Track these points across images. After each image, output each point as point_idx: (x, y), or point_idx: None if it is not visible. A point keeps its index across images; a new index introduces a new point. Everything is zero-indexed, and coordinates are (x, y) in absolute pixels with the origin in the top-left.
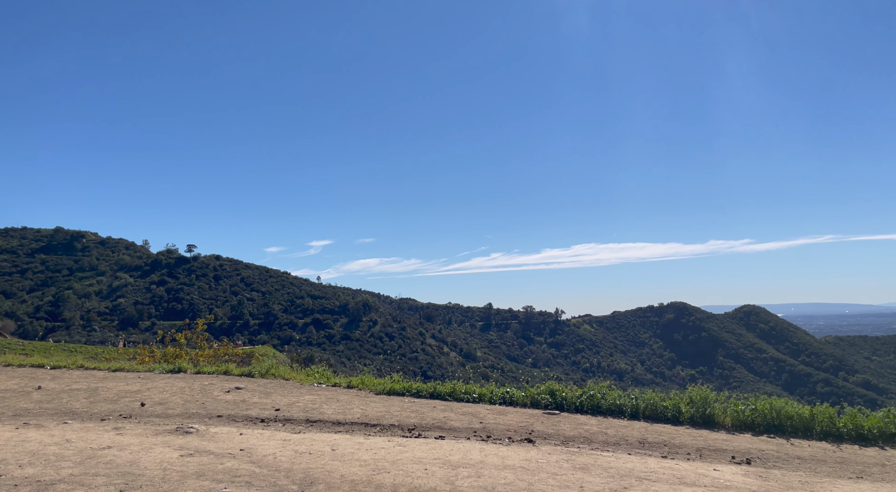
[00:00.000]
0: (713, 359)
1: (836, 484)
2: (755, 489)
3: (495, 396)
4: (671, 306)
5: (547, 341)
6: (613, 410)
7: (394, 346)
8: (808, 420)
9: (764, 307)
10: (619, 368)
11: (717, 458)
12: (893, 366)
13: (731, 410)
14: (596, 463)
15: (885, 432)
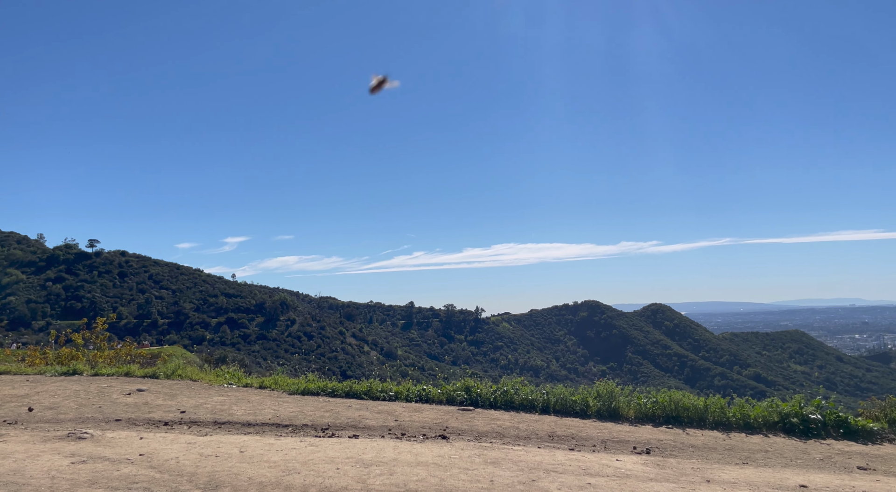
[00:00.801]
0: (623, 355)
1: (724, 470)
2: (652, 477)
3: (412, 393)
4: (585, 305)
5: (467, 339)
6: (526, 405)
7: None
8: (702, 411)
9: (669, 306)
10: (535, 364)
11: (620, 449)
12: (780, 360)
13: (635, 403)
14: (507, 457)
15: (769, 421)
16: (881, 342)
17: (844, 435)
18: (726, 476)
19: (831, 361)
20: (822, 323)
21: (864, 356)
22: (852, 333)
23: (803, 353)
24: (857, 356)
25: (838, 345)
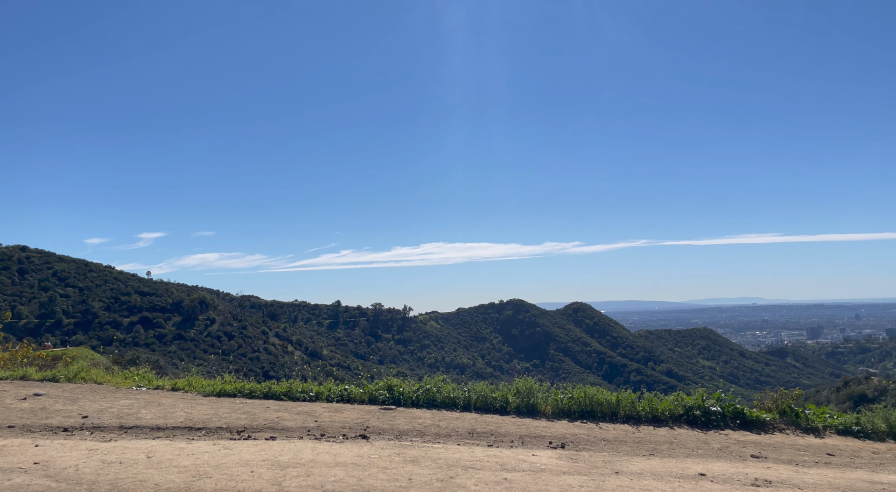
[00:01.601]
0: (546, 352)
1: (632, 461)
2: (565, 470)
3: (333, 393)
4: (510, 303)
5: (394, 338)
6: (448, 403)
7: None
8: (615, 406)
9: (590, 304)
10: (462, 362)
11: (536, 444)
12: (690, 356)
13: (552, 399)
14: (426, 455)
15: (675, 414)
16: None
17: (741, 425)
18: (634, 467)
19: (735, 356)
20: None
21: (764, 352)
22: (754, 330)
23: (710, 349)
24: (757, 352)
25: (741, 341)
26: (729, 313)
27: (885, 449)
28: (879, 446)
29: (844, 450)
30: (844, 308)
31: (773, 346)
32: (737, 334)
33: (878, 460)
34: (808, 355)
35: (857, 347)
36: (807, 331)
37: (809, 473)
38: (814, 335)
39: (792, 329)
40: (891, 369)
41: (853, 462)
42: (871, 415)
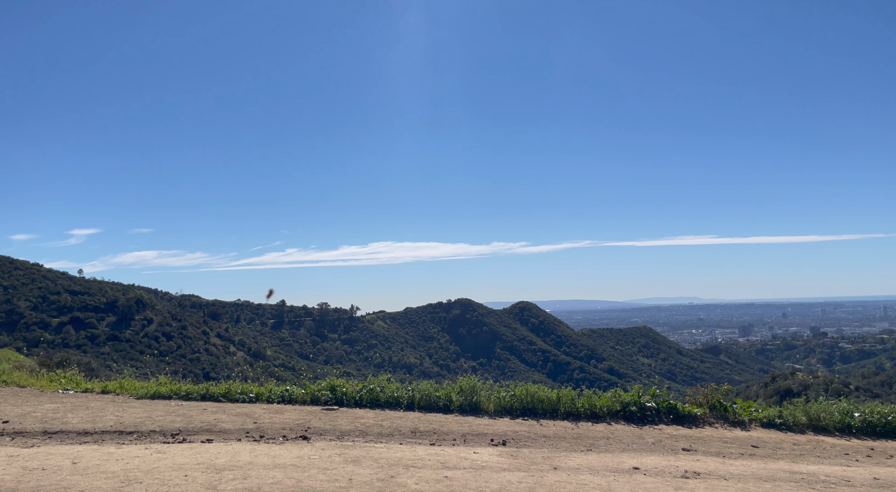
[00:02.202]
0: (492, 351)
1: (570, 457)
2: (505, 467)
3: (274, 395)
4: (458, 303)
5: (341, 338)
6: (391, 402)
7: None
8: (555, 403)
9: (535, 303)
10: (409, 362)
11: (478, 442)
12: (631, 354)
13: (495, 397)
14: (368, 455)
15: (612, 410)
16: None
17: (674, 420)
18: (571, 463)
19: (673, 354)
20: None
21: (699, 349)
22: (690, 329)
23: (650, 347)
24: (693, 350)
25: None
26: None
27: (805, 440)
28: (799, 437)
29: (768, 442)
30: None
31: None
32: (674, 333)
33: (798, 450)
34: (740, 353)
35: (783, 344)
36: (739, 329)
37: (735, 464)
38: (745, 333)
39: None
40: (814, 364)
41: (775, 453)
42: (793, 408)
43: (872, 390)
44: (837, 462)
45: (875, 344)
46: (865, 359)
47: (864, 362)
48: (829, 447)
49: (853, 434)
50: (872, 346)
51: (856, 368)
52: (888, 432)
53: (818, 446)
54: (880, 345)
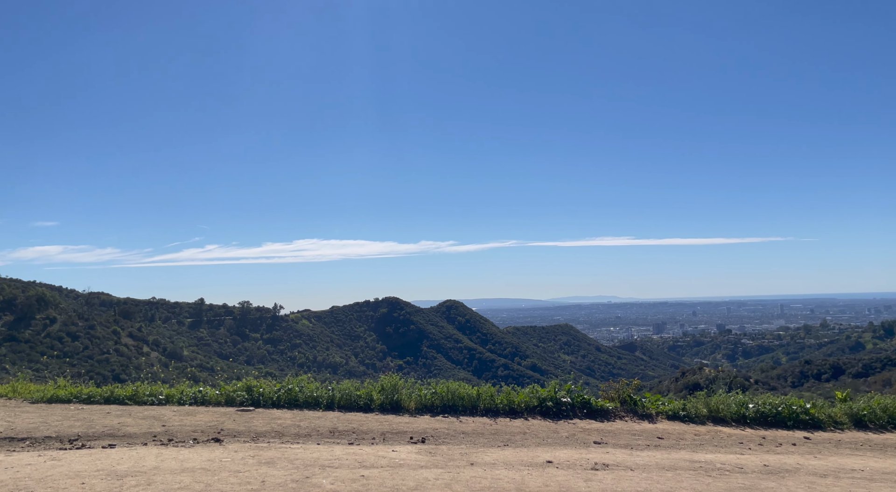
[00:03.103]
0: (419, 349)
1: (487, 452)
2: (423, 464)
3: (185, 396)
4: (385, 301)
5: (263, 338)
6: (311, 402)
7: (78, 347)
8: (475, 399)
9: (462, 302)
10: (334, 361)
11: (397, 440)
12: (553, 351)
13: (416, 395)
14: (283, 456)
15: (530, 405)
16: (629, 334)
17: (587, 414)
18: (488, 458)
19: (592, 351)
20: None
21: (617, 346)
22: (608, 326)
23: (571, 344)
24: (611, 346)
25: (598, 337)
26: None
27: (705, 431)
28: (700, 428)
29: (672, 433)
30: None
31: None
32: (594, 330)
33: (699, 440)
34: (654, 349)
35: (693, 340)
36: (653, 327)
37: (641, 455)
38: (658, 330)
39: (641, 325)
40: (720, 359)
41: (678, 444)
42: (695, 401)
43: (770, 383)
44: (732, 451)
45: (773, 340)
46: (764, 354)
47: (763, 357)
48: (726, 437)
49: (748, 424)
50: (770, 342)
51: (756, 362)
52: (778, 421)
53: (716, 436)
54: (777, 341)
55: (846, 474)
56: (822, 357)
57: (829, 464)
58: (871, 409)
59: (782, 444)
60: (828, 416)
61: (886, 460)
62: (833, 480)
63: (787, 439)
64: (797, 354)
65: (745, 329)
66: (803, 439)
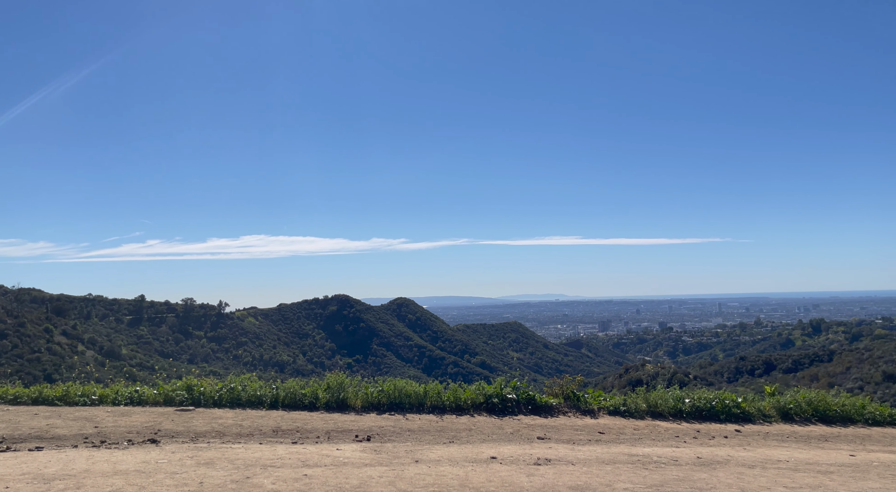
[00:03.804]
0: (369, 347)
1: (433, 449)
2: (367, 462)
3: (121, 396)
4: (335, 299)
5: (207, 336)
6: (254, 401)
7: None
8: (422, 397)
9: (413, 300)
10: (281, 360)
11: (342, 438)
12: (502, 348)
13: (362, 393)
14: (224, 456)
15: (476, 402)
16: (576, 331)
17: (532, 410)
18: (433, 455)
19: (540, 348)
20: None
21: (564, 344)
22: (556, 324)
23: (519, 341)
24: (558, 344)
25: (545, 334)
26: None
27: (644, 425)
28: (640, 423)
29: (612, 428)
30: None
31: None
32: (542, 328)
33: (638, 435)
34: (599, 346)
35: (636, 338)
36: (599, 324)
37: (582, 450)
38: (604, 328)
39: (587, 323)
40: (661, 356)
41: (618, 438)
42: (635, 397)
43: (707, 379)
44: (669, 444)
45: (711, 337)
46: (703, 351)
47: (702, 354)
48: (664, 431)
49: (684, 418)
50: (709, 339)
51: (695, 358)
52: (712, 415)
53: (654, 430)
54: (715, 338)
55: (772, 464)
56: (755, 354)
57: (757, 455)
58: (797, 403)
59: (715, 437)
60: (757, 409)
61: (810, 451)
62: (760, 470)
63: (719, 432)
64: (733, 351)
65: (686, 327)
66: (734, 431)
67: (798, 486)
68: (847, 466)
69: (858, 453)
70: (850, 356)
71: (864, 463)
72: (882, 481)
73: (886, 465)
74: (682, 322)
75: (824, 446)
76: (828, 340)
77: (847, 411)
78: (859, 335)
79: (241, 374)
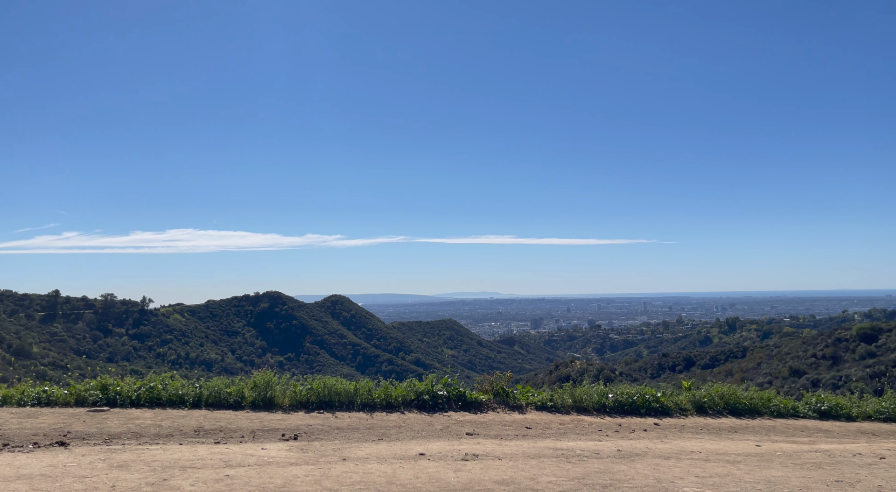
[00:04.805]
0: (301, 345)
1: (361, 447)
2: (293, 461)
3: (27, 396)
4: (266, 295)
5: (129, 333)
6: (175, 400)
7: None
8: (352, 394)
9: (348, 297)
10: (209, 358)
11: (268, 437)
12: (437, 346)
13: (290, 391)
14: (140, 458)
15: (407, 399)
16: (509, 329)
17: (462, 407)
18: (361, 453)
19: (474, 345)
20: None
21: (497, 341)
22: (490, 322)
23: (454, 339)
24: (492, 341)
25: (480, 331)
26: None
27: (569, 420)
28: (565, 417)
29: (539, 423)
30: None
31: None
32: (476, 325)
33: (563, 429)
34: (531, 343)
35: (567, 335)
36: (531, 322)
37: (510, 445)
38: (536, 326)
39: (520, 320)
40: (589, 353)
41: (544, 433)
42: (562, 392)
43: (633, 375)
44: (592, 438)
45: (636, 335)
46: (629, 348)
47: (628, 351)
48: (588, 425)
49: (607, 413)
50: (634, 336)
51: (621, 355)
52: (634, 409)
53: (579, 424)
54: (640, 335)
55: (686, 455)
56: (677, 351)
57: (672, 447)
58: (711, 397)
59: (635, 430)
60: (675, 403)
61: (721, 442)
62: (675, 461)
63: (639, 426)
64: (657, 348)
65: (613, 325)
66: (653, 425)
67: (708, 475)
68: (753, 455)
69: (764, 444)
70: (760, 353)
71: (769, 453)
72: (784, 469)
73: (788, 454)
74: (610, 320)
75: (734, 438)
76: (742, 337)
77: (755, 405)
78: (770, 333)
79: (165, 372)
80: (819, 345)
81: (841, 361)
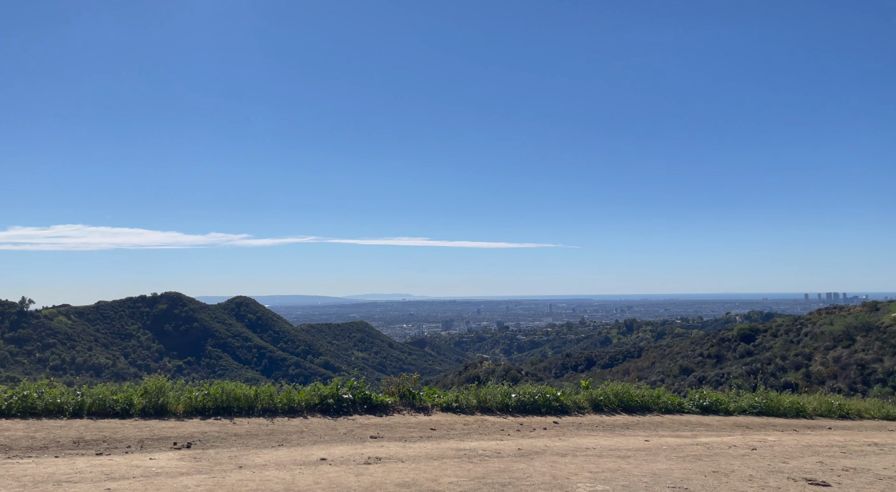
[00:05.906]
0: (203, 349)
1: (259, 453)
2: (184, 471)
3: None
4: (164, 297)
5: (5, 337)
6: (53, 409)
7: None
8: (253, 399)
9: (254, 298)
10: (98, 363)
11: (158, 446)
12: (347, 348)
13: (185, 397)
14: (8, 473)
15: (311, 403)
16: (420, 331)
17: (368, 410)
18: (259, 460)
19: (385, 347)
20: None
21: (408, 343)
22: (402, 323)
23: (365, 341)
24: (403, 343)
25: (391, 333)
26: (383, 308)
27: (473, 420)
28: (469, 418)
29: (444, 424)
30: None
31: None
32: (388, 327)
33: (467, 430)
34: (442, 345)
35: (476, 336)
36: (442, 323)
37: (414, 447)
38: (447, 327)
39: (431, 322)
40: (498, 354)
41: (448, 434)
42: (467, 393)
43: (538, 375)
44: (494, 437)
45: (542, 336)
46: (535, 348)
47: (534, 351)
48: (491, 425)
49: (510, 412)
50: (540, 337)
51: (528, 355)
52: (535, 408)
53: (482, 424)
54: (546, 336)
55: (581, 452)
56: (579, 351)
57: (569, 444)
58: (606, 395)
59: (536, 429)
60: (573, 402)
61: (613, 439)
62: (571, 458)
63: (540, 425)
64: (561, 348)
65: (521, 326)
66: (553, 423)
67: (601, 470)
68: (642, 450)
69: (652, 439)
70: (654, 352)
71: (656, 447)
72: (669, 462)
73: (673, 448)
74: (518, 322)
75: (625, 434)
76: (638, 337)
77: (646, 402)
78: (663, 334)
79: (43, 379)
80: (705, 345)
81: (724, 360)
